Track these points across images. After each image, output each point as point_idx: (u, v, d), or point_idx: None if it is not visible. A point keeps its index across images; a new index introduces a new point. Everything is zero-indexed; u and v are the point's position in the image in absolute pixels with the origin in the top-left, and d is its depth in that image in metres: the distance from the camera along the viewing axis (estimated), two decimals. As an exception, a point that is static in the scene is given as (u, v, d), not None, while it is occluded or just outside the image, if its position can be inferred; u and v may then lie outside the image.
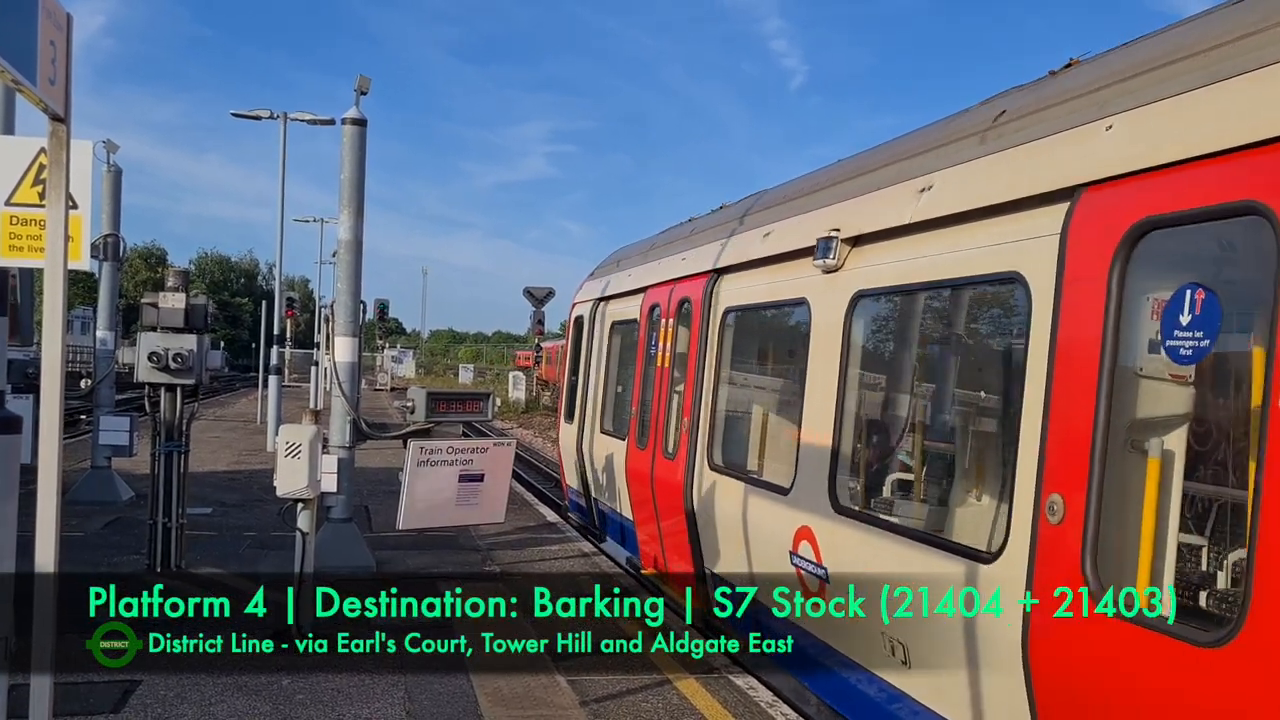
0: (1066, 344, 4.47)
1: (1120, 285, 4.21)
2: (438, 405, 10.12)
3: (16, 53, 3.52)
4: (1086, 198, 4.46)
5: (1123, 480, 4.22)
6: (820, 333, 6.97)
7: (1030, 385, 4.71)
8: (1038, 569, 4.40)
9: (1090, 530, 4.16)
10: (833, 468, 6.51)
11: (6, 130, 5.22)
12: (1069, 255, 4.51)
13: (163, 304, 9.55)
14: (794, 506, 6.97)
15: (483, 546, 11.68)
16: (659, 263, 11.28)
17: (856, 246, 6.62)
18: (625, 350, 12.49)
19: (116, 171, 14.57)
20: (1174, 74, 4.20)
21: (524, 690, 6.76)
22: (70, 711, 5.96)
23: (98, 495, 13.59)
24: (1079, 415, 4.32)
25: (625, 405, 11.87)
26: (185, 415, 9.87)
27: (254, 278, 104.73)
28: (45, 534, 3.96)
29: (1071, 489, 4.29)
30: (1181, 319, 3.99)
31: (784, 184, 9.13)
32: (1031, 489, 4.55)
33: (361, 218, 10.66)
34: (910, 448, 6.73)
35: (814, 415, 6.88)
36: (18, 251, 4.90)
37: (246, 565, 10.20)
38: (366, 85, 10.69)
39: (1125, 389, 4.33)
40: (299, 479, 7.48)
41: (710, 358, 9.14)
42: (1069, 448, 4.36)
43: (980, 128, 5.70)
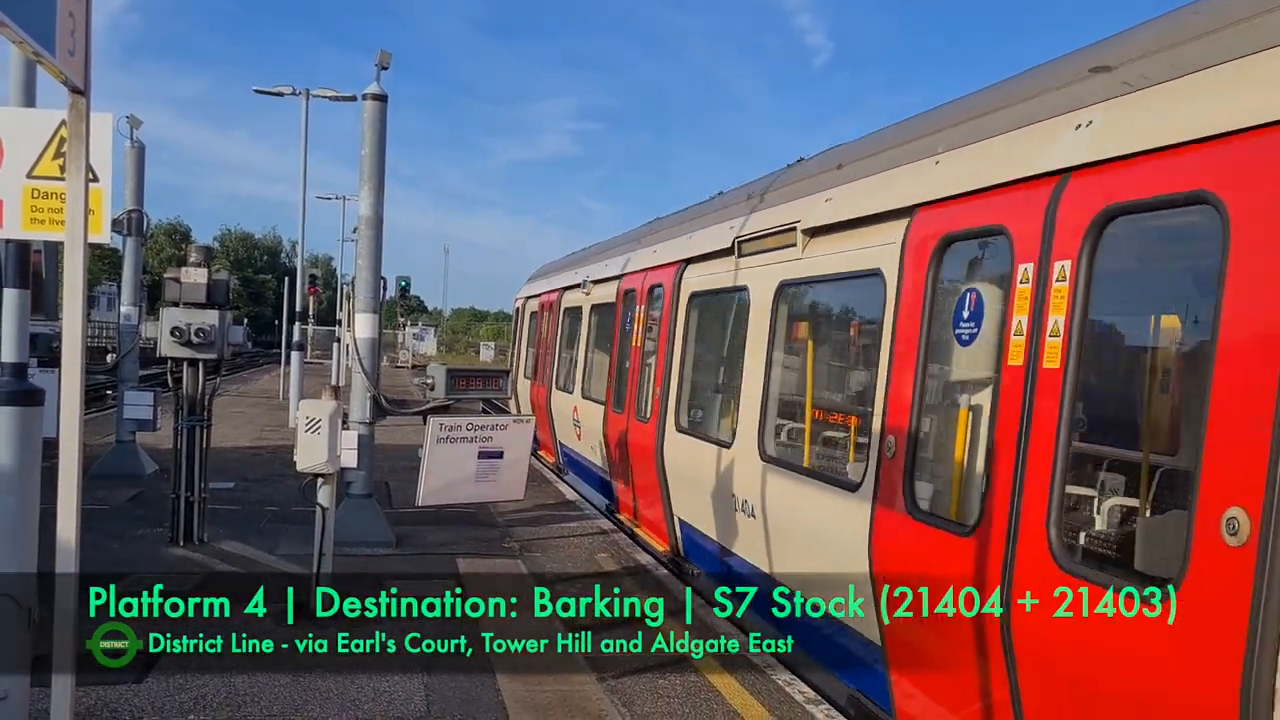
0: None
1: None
2: (457, 382, 10.16)
3: (36, 24, 3.52)
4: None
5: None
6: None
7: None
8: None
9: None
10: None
11: (27, 102, 5.21)
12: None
13: (185, 279, 9.60)
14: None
15: (501, 523, 11.72)
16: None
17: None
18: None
19: (140, 147, 14.61)
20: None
21: (542, 666, 6.78)
22: (94, 681, 6.02)
23: (122, 469, 13.72)
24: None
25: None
26: (207, 390, 9.94)
27: (277, 254, 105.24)
28: (66, 505, 3.99)
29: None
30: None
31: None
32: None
33: (382, 194, 10.66)
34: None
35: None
36: (39, 225, 4.91)
37: (267, 539, 10.28)
38: (387, 60, 10.66)
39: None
40: (319, 454, 7.51)
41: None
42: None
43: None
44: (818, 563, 6.87)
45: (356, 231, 11.08)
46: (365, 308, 10.52)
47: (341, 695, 6.10)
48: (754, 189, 9.61)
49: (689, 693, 6.48)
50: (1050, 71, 5.53)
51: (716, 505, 9.05)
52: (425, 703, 6.07)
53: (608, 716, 5.98)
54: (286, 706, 5.90)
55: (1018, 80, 5.95)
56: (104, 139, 5.03)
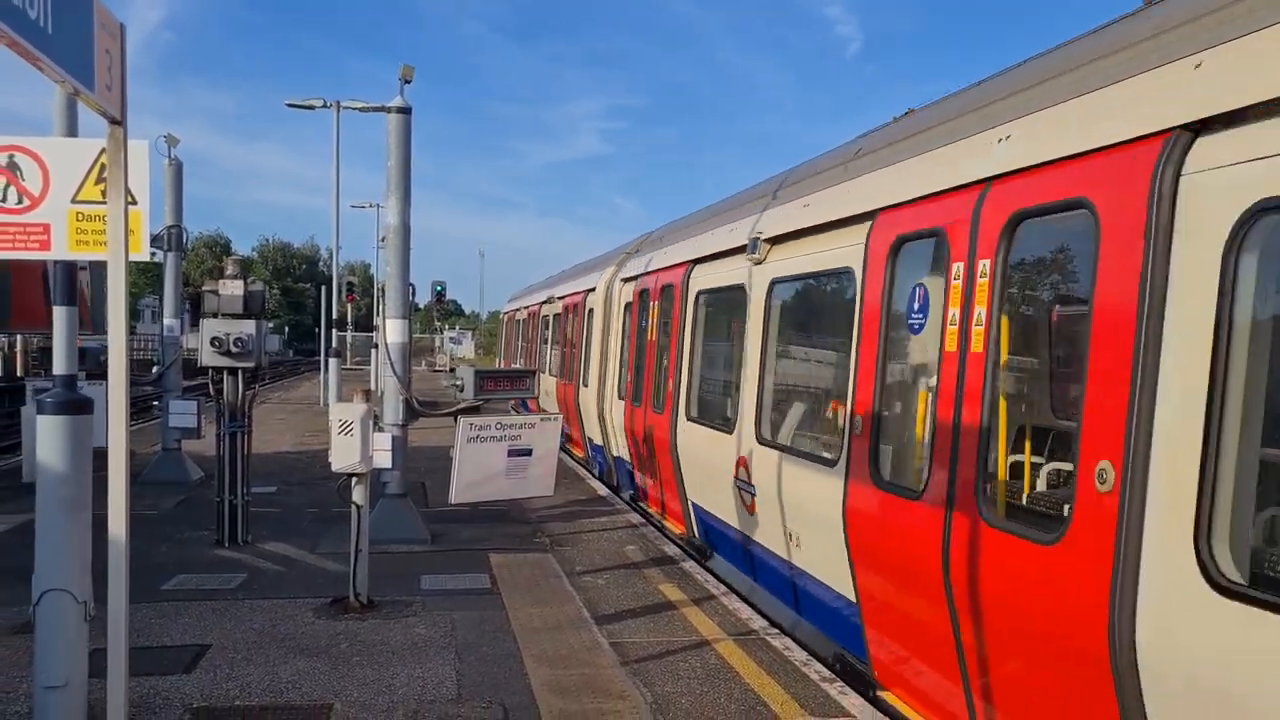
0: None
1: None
2: (485, 383, 10.45)
3: (75, 63, 3.85)
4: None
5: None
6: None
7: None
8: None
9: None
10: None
11: (70, 132, 5.59)
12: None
13: (223, 291, 10.01)
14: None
15: (533, 520, 12.04)
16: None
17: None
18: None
19: (177, 165, 15.11)
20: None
21: (568, 651, 7.07)
22: (147, 671, 6.40)
23: (169, 476, 14.24)
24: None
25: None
26: (247, 397, 10.36)
27: (315, 263, 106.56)
28: (116, 506, 4.31)
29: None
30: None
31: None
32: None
33: (409, 203, 11.01)
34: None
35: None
36: (84, 246, 5.27)
37: (308, 539, 10.67)
38: (410, 74, 11.01)
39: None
40: (351, 455, 7.86)
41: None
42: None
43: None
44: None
45: (384, 240, 11.44)
46: (395, 314, 10.88)
47: (377, 681, 6.43)
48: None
49: (708, 673, 6.74)
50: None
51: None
52: (456, 686, 6.38)
53: (629, 697, 6.25)
54: (326, 692, 6.23)
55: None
56: (141, 163, 5.37)
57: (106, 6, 4.11)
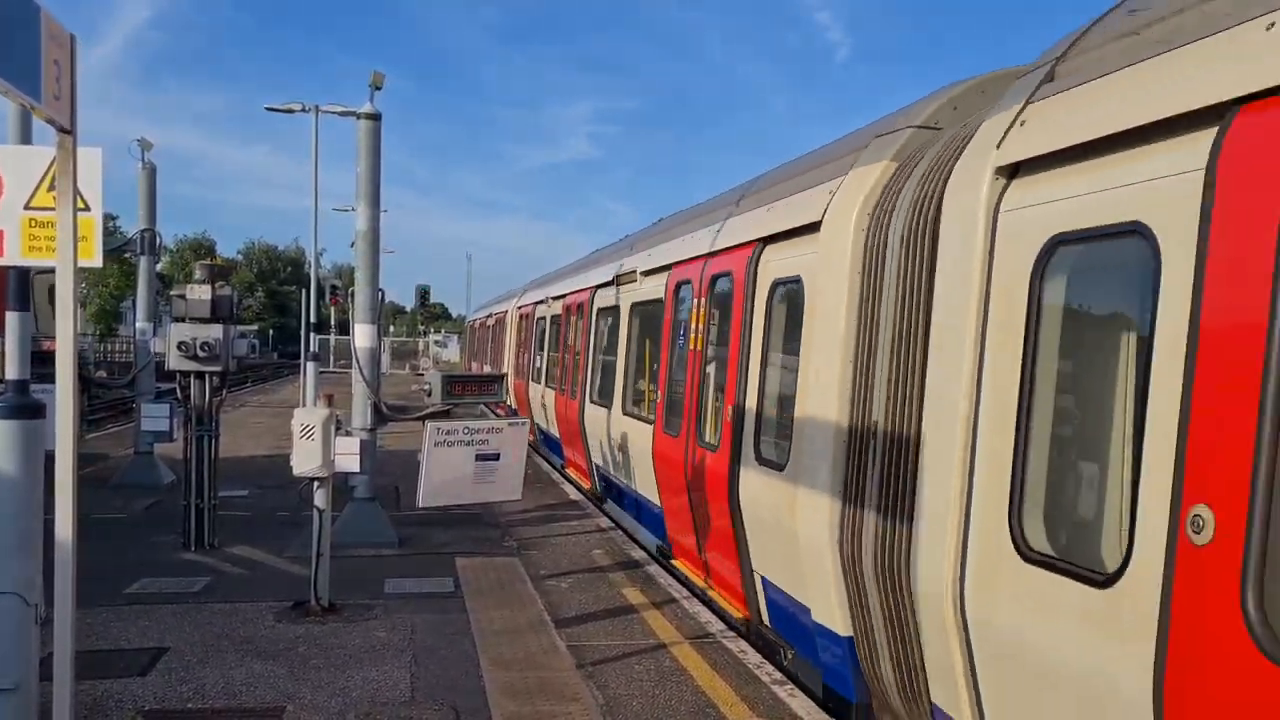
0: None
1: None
2: (454, 387, 10.51)
3: (22, 75, 3.91)
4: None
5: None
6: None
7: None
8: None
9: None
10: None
11: (24, 140, 5.64)
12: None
13: (190, 295, 10.05)
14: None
15: (504, 524, 12.10)
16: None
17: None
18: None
19: (151, 169, 15.10)
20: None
21: (526, 654, 7.14)
22: (102, 674, 6.44)
23: (141, 479, 14.24)
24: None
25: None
26: (215, 401, 10.39)
27: (301, 266, 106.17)
28: (64, 509, 4.36)
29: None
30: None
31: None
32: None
33: (378, 209, 11.09)
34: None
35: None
36: (36, 252, 5.32)
37: (276, 542, 10.70)
38: (380, 80, 11.08)
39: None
40: (313, 459, 7.92)
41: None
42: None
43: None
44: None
45: (353, 245, 11.50)
46: (364, 318, 10.94)
47: (331, 684, 6.49)
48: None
49: (662, 676, 6.82)
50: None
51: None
52: (410, 689, 6.44)
53: (581, 699, 6.32)
54: (280, 695, 6.28)
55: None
56: (94, 171, 5.43)
57: (55, 17, 4.17)
